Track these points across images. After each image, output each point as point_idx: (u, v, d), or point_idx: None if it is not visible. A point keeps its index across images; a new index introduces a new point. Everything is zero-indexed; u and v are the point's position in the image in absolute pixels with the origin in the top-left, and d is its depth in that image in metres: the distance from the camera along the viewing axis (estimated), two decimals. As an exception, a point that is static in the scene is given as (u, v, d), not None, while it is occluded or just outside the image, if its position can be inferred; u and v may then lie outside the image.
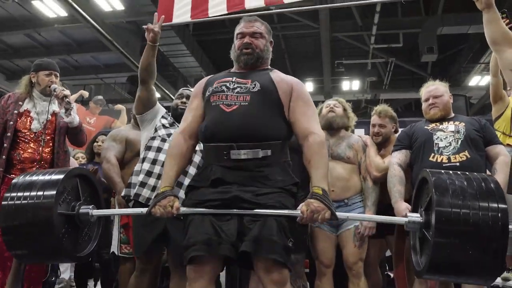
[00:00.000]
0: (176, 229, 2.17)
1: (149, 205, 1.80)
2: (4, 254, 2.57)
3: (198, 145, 2.11)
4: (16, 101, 2.81)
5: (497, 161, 2.40)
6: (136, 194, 2.44)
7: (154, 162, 2.46)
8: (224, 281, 3.45)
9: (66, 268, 3.82)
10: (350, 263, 2.67)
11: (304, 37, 11.15)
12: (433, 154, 2.43)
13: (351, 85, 12.27)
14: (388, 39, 10.28)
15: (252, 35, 1.95)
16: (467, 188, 1.58)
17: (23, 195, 1.83)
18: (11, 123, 2.73)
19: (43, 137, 2.77)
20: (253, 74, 1.91)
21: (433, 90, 2.61)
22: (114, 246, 2.97)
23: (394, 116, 2.98)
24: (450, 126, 2.50)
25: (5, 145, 2.69)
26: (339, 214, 1.72)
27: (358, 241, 2.65)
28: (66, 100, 2.73)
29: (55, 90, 2.76)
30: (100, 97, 5.85)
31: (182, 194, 2.27)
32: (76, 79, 12.23)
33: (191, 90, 2.68)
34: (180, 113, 2.58)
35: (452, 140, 2.44)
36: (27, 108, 2.81)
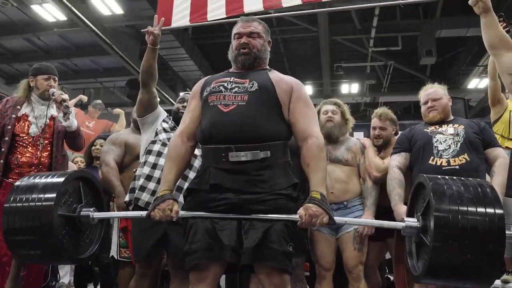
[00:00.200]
0: (176, 233, 2.17)
1: (149, 209, 1.78)
2: (3, 259, 2.57)
3: (198, 150, 2.10)
4: (14, 105, 2.80)
5: (496, 164, 2.41)
6: (136, 198, 2.44)
7: (154, 167, 2.46)
8: (224, 284, 3.45)
9: (66, 272, 3.81)
10: (350, 266, 2.66)
11: (303, 41, 11.17)
12: (433, 157, 2.43)
13: (350, 88, 12.29)
14: (387, 42, 10.30)
15: (249, 35, 1.93)
16: (464, 193, 1.59)
17: (25, 197, 1.84)
18: (9, 127, 2.72)
19: (41, 141, 2.77)
20: (251, 74, 1.90)
21: (432, 93, 2.61)
22: (114, 251, 2.96)
23: (394, 119, 2.98)
24: (450, 129, 2.50)
25: (3, 150, 2.69)
26: (337, 219, 1.72)
27: (358, 244, 2.65)
28: (65, 104, 2.73)
29: (54, 94, 2.76)
30: (99, 101, 5.86)
31: (182, 199, 2.27)
32: (76, 83, 12.23)
33: None
34: (181, 117, 2.59)
35: (452, 143, 2.44)
36: (25, 112, 2.80)
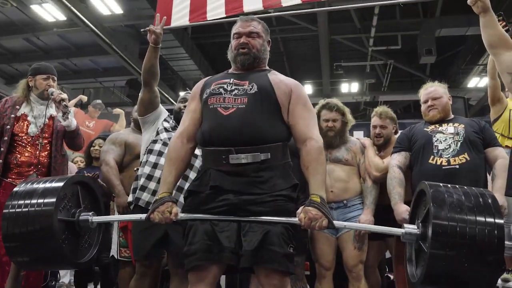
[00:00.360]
0: (177, 233, 2.17)
1: (148, 212, 1.78)
2: (2, 259, 2.56)
3: (199, 150, 2.10)
4: (13, 105, 2.80)
5: (496, 165, 2.40)
6: (136, 198, 2.44)
7: (155, 166, 2.46)
8: (224, 284, 3.45)
9: (66, 273, 3.81)
10: (350, 266, 2.66)
11: (303, 40, 11.16)
12: (433, 157, 2.43)
13: (350, 87, 12.28)
14: (387, 41, 10.29)
15: (249, 35, 1.92)
16: (465, 202, 1.59)
17: (24, 203, 1.84)
18: (8, 127, 2.72)
19: (40, 141, 2.77)
20: (251, 76, 1.89)
21: (432, 92, 2.61)
22: (114, 250, 2.96)
23: (394, 117, 2.98)
24: (450, 128, 2.50)
25: (2, 149, 2.69)
26: (336, 223, 1.72)
27: (358, 243, 2.65)
28: (63, 104, 2.73)
29: (53, 94, 2.76)
30: (99, 101, 5.87)
31: (183, 199, 2.27)
32: (75, 83, 12.23)
33: None
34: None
35: (452, 142, 2.43)
36: (24, 112, 2.80)
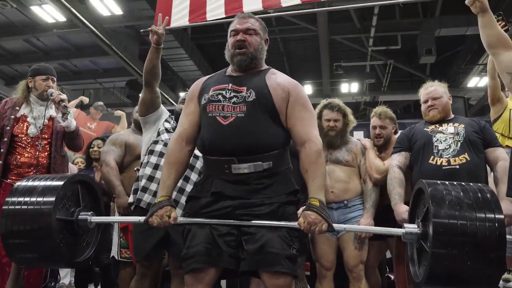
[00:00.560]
0: (178, 234, 2.17)
1: (147, 216, 1.78)
2: (3, 260, 2.57)
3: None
4: (13, 106, 2.81)
5: (498, 168, 2.37)
6: (138, 199, 2.44)
7: (156, 167, 2.46)
8: (225, 285, 3.44)
9: (66, 273, 3.81)
10: (351, 266, 2.66)
11: (303, 40, 11.17)
12: (433, 157, 2.42)
13: (350, 88, 12.28)
14: (387, 41, 10.30)
15: (246, 32, 1.87)
16: (464, 199, 1.58)
17: (23, 200, 1.84)
18: (8, 128, 2.73)
19: (40, 142, 2.77)
20: (249, 79, 1.85)
21: (432, 92, 2.60)
22: (114, 251, 2.96)
23: (394, 117, 2.97)
24: (450, 128, 2.49)
25: (2, 150, 2.70)
26: (336, 226, 1.72)
27: (359, 244, 2.65)
28: (63, 105, 2.73)
29: (52, 95, 2.76)
30: (101, 103, 5.89)
31: (184, 200, 2.27)
32: (75, 84, 12.24)
33: None
34: None
35: (452, 143, 2.43)
36: (24, 113, 2.80)
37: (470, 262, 1.49)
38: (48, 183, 1.89)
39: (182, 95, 2.74)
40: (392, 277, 3.37)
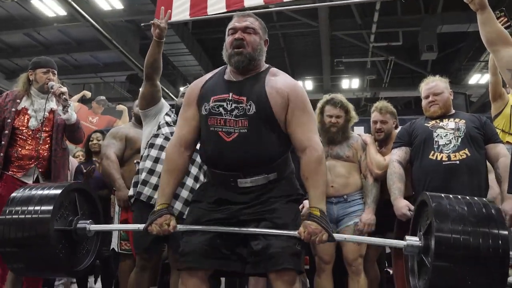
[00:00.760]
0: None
1: (146, 224, 1.77)
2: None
3: (196, 153, 2.09)
4: (14, 99, 2.81)
5: (499, 165, 2.36)
6: (138, 192, 2.45)
7: (157, 161, 2.47)
8: (224, 280, 3.46)
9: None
10: (350, 260, 2.67)
11: (304, 36, 11.15)
12: (433, 152, 2.42)
13: (351, 84, 12.28)
14: (388, 38, 10.28)
15: (245, 30, 1.80)
16: (468, 214, 1.55)
17: (21, 210, 1.81)
18: (9, 121, 2.73)
19: (41, 135, 2.77)
20: (248, 87, 1.79)
21: (433, 87, 2.59)
22: (114, 243, 2.97)
23: (394, 112, 2.98)
24: (450, 124, 2.49)
25: (3, 143, 2.70)
26: (337, 236, 1.72)
27: (358, 238, 2.65)
28: (63, 97, 2.73)
29: (52, 88, 2.76)
30: (103, 97, 5.88)
31: (178, 206, 2.32)
32: (76, 78, 12.24)
33: None
34: None
35: (452, 138, 2.43)
36: (25, 106, 2.80)
37: (472, 279, 1.47)
38: (46, 192, 1.86)
39: (182, 89, 2.74)
40: (391, 272, 3.38)
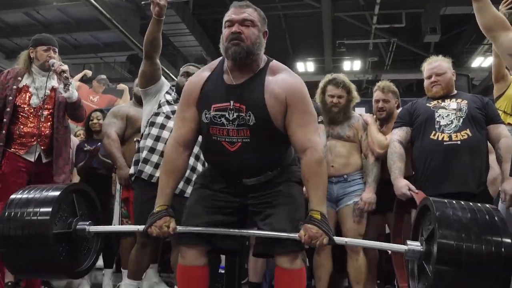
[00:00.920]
0: (180, 205, 2.19)
1: (146, 225, 1.78)
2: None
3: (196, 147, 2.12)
4: (15, 77, 2.80)
5: (501, 146, 2.37)
6: (139, 171, 2.46)
7: (158, 139, 2.48)
8: (224, 257, 3.49)
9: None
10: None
11: (306, 17, 11.01)
12: (434, 132, 2.43)
13: (352, 65, 12.16)
14: (391, 19, 10.16)
15: (242, 23, 1.71)
16: (471, 221, 1.52)
17: (20, 212, 1.79)
18: (10, 98, 2.72)
19: (42, 112, 2.77)
20: (247, 92, 1.73)
21: (436, 67, 2.57)
22: (115, 221, 3.00)
23: (397, 92, 2.97)
24: (452, 104, 2.48)
25: (5, 120, 2.70)
26: (337, 239, 1.70)
27: (357, 217, 2.67)
28: (64, 76, 2.72)
29: (53, 65, 2.75)
30: (104, 76, 5.84)
31: (180, 185, 2.32)
32: (76, 58, 12.14)
33: (198, 67, 2.66)
34: None
35: (454, 118, 2.42)
36: (26, 84, 2.79)
37: (474, 287, 1.45)
38: (44, 195, 1.83)
39: (183, 69, 2.71)
40: (390, 252, 3.42)
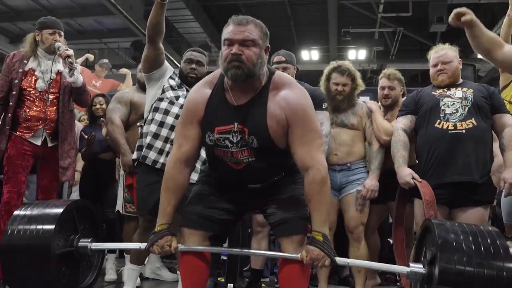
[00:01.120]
0: None
1: (148, 244, 1.77)
2: (12, 210, 2.62)
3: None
4: (21, 60, 2.79)
5: (505, 135, 2.37)
6: (143, 156, 2.47)
7: (162, 125, 2.48)
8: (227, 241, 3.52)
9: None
10: (351, 227, 2.72)
11: (311, 4, 10.91)
12: (439, 121, 2.42)
13: (357, 55, 12.08)
14: (397, 8, 10.05)
15: (243, 43, 1.63)
16: (473, 246, 1.51)
17: (23, 229, 1.78)
18: (17, 82, 2.73)
19: (48, 96, 2.77)
20: (250, 116, 1.69)
21: (443, 56, 2.55)
22: (119, 205, 3.02)
23: (402, 79, 2.97)
24: (458, 93, 2.47)
25: (11, 104, 2.71)
26: (339, 260, 1.69)
27: (360, 206, 2.68)
28: (69, 61, 2.71)
29: (59, 49, 2.75)
30: (106, 60, 5.82)
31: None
32: (80, 43, 12.10)
33: (201, 53, 2.64)
34: (190, 82, 2.57)
35: (459, 107, 2.42)
36: (32, 67, 2.79)
37: None
38: (46, 212, 1.82)
39: (187, 55, 2.69)
40: (392, 241, 3.43)
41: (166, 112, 2.51)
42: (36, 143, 2.73)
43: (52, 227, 1.76)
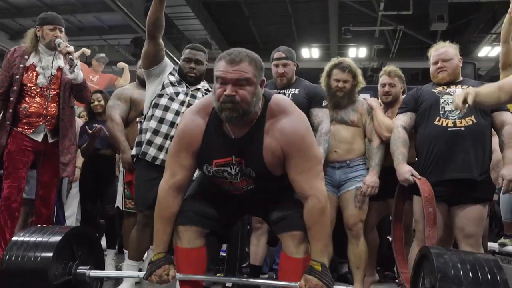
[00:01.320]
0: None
1: (146, 274, 1.76)
2: (12, 205, 2.64)
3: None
4: (22, 55, 2.79)
5: (504, 132, 2.38)
6: (143, 153, 2.47)
7: (161, 121, 2.48)
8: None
9: (72, 223, 3.90)
10: (350, 224, 2.72)
11: (312, 2, 10.90)
12: (439, 118, 2.43)
13: (358, 53, 12.07)
14: (398, 6, 10.03)
15: (237, 83, 1.56)
16: (471, 276, 1.51)
17: (21, 256, 1.76)
18: (17, 77, 2.73)
19: (49, 92, 2.77)
20: (247, 151, 1.69)
21: (443, 53, 2.56)
22: (119, 201, 3.03)
23: (403, 77, 2.97)
24: (458, 90, 2.47)
25: (12, 99, 2.71)
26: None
27: (359, 203, 2.69)
28: (69, 57, 2.71)
29: (60, 45, 2.74)
30: (103, 55, 5.78)
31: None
32: (80, 40, 12.08)
33: (201, 51, 2.63)
34: (189, 82, 2.57)
35: None
36: (33, 63, 2.79)
37: None
38: (44, 241, 1.79)
39: (186, 53, 2.67)
40: (391, 239, 3.44)
41: (166, 109, 2.51)
42: (37, 139, 2.74)
43: (51, 254, 1.75)
